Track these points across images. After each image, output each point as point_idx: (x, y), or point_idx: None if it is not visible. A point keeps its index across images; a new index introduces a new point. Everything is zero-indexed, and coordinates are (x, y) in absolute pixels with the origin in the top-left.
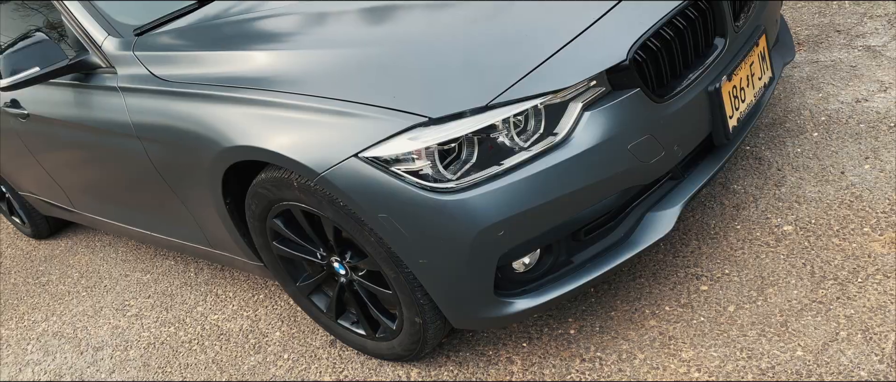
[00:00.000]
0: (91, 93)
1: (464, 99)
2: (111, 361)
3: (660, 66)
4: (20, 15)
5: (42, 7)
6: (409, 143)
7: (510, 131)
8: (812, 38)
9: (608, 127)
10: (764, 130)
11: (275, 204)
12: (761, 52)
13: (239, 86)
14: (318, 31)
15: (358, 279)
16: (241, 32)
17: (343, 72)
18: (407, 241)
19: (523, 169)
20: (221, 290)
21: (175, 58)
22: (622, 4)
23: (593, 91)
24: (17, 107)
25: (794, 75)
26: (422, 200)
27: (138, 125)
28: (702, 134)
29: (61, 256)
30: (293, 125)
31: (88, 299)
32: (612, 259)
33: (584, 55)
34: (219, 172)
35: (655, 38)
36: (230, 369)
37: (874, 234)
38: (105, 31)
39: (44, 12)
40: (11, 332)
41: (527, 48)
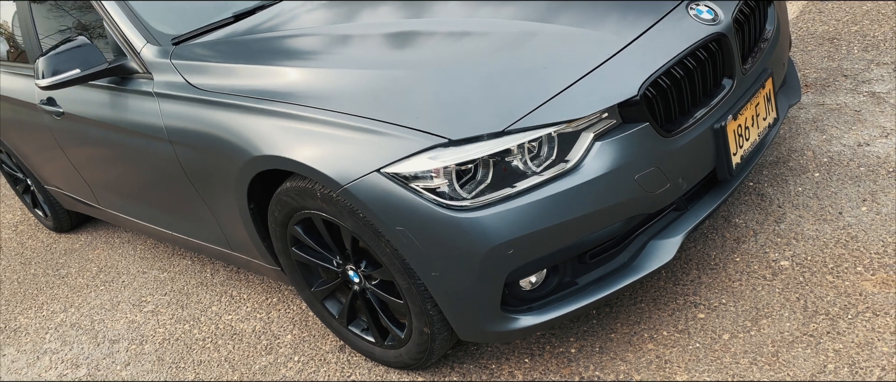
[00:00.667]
0: (126, 97)
1: (482, 123)
2: (126, 354)
3: (669, 103)
4: (54, 15)
5: (73, 8)
6: (428, 162)
7: (524, 156)
8: (820, 81)
9: (617, 157)
10: (768, 168)
11: (297, 212)
12: (767, 94)
13: (270, 99)
14: (346, 51)
15: (371, 287)
16: (272, 48)
17: (370, 92)
18: (421, 254)
19: (535, 192)
20: (236, 292)
21: (210, 68)
22: (637, 43)
23: (605, 123)
24: (52, 105)
25: (799, 116)
26: (437, 216)
27: (171, 129)
28: (706, 168)
29: (81, 250)
30: (320, 138)
31: (106, 293)
32: (615, 283)
33: (597, 89)
34: (246, 179)
35: (666, 76)
36: (242, 368)
37: (866, 274)
38: (144, 39)
39: (75, 14)
40: (31, 321)
41: (544, 79)
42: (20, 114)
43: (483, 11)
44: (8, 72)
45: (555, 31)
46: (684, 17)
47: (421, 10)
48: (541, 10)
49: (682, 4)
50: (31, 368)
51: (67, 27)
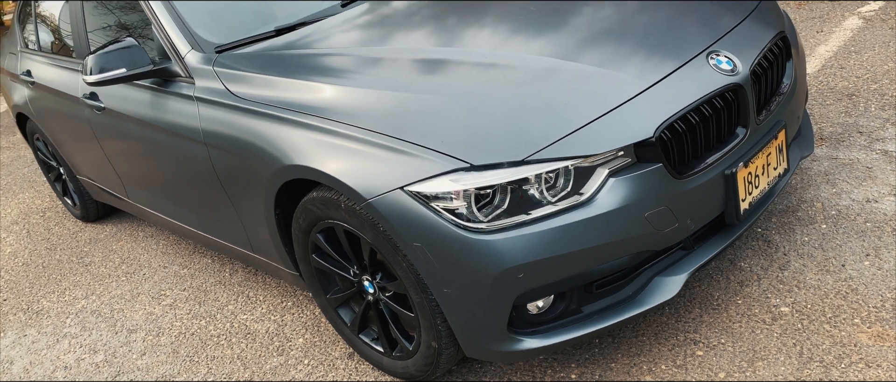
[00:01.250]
0: (167, 98)
1: (503, 151)
2: (143, 344)
3: (683, 146)
4: (99, 13)
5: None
6: (450, 184)
7: (541, 186)
8: (835, 136)
9: (629, 194)
10: (777, 215)
11: (320, 221)
12: (779, 145)
13: (304, 112)
14: (377, 72)
15: (384, 299)
16: (309, 64)
17: (398, 113)
18: (435, 270)
19: (548, 221)
20: (253, 293)
21: (250, 78)
22: (656, 87)
23: (620, 160)
24: (94, 99)
25: (812, 168)
26: (454, 236)
27: (208, 133)
28: (715, 212)
29: (105, 241)
30: (349, 153)
31: (127, 284)
32: (619, 314)
33: (615, 128)
34: (275, 185)
35: (682, 120)
36: (253, 366)
37: (863, 326)
38: (190, 45)
39: (118, 13)
40: (53, 304)
41: (565, 114)
42: (61, 105)
43: (512, 45)
44: (51, 63)
45: (579, 70)
46: (704, 65)
47: (452, 39)
48: (567, 48)
49: (703, 54)
50: (50, 350)
51: (109, 25)
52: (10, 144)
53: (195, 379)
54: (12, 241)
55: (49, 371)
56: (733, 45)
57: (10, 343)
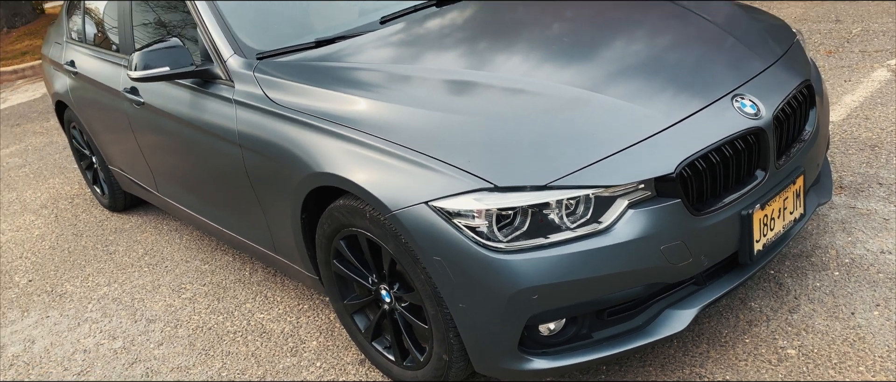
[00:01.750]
0: (206, 99)
1: (527, 175)
2: (161, 334)
3: (703, 184)
4: (142, 9)
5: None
6: (473, 203)
7: (561, 211)
8: (854, 185)
9: (647, 226)
10: (790, 259)
11: (344, 228)
12: (797, 190)
13: (337, 122)
14: (409, 90)
15: (400, 309)
16: (344, 77)
17: (428, 130)
18: (452, 285)
19: (566, 246)
20: (271, 293)
21: (288, 86)
22: (680, 125)
23: (640, 193)
24: (135, 94)
25: (829, 215)
26: (473, 253)
27: (243, 135)
28: (729, 250)
29: (130, 231)
30: (378, 165)
31: (149, 275)
32: (628, 342)
33: (638, 161)
34: (304, 191)
35: (703, 159)
36: (267, 364)
37: (867, 374)
38: (232, 50)
39: (162, 13)
40: (76, 289)
41: (590, 144)
42: (101, 96)
43: (541, 72)
44: (95, 56)
45: (606, 102)
46: (729, 108)
47: (482, 62)
48: (596, 80)
49: (728, 96)
50: (71, 333)
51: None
52: (42, 130)
53: (209, 372)
54: (40, 224)
55: (69, 352)
56: (758, 90)
57: (32, 323)
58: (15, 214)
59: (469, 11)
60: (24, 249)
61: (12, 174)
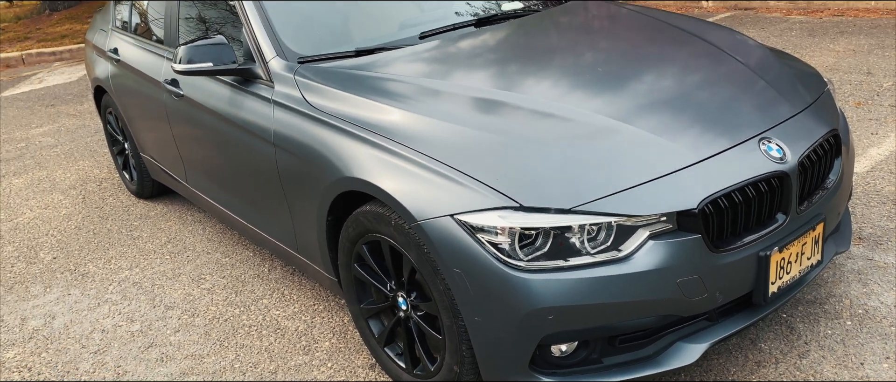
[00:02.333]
0: (245, 96)
1: (553, 198)
2: (178, 321)
3: (723, 222)
4: (187, 6)
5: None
6: (497, 220)
7: (583, 236)
8: (873, 238)
9: (665, 258)
10: (804, 305)
11: (368, 233)
12: (816, 237)
13: (372, 131)
14: (443, 105)
15: (415, 317)
16: (382, 88)
17: (459, 146)
18: (470, 298)
19: (585, 270)
20: (288, 291)
21: (326, 92)
22: (706, 162)
23: (662, 225)
24: (175, 86)
25: (846, 265)
26: (493, 268)
27: (278, 135)
28: (744, 289)
29: (155, 219)
30: (407, 175)
31: (170, 262)
32: (636, 370)
33: (662, 194)
34: (332, 193)
35: (726, 198)
36: (279, 360)
37: None
38: (275, 52)
39: (198, 7)
40: (98, 270)
41: (616, 173)
42: (141, 85)
43: (573, 99)
44: (138, 45)
45: (634, 134)
46: (755, 150)
47: (515, 84)
48: (626, 110)
49: (755, 138)
50: (91, 312)
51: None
52: (76, 113)
53: (222, 363)
54: (68, 204)
55: (87, 331)
56: (786, 135)
57: (54, 299)
58: (44, 192)
59: (506, 33)
60: (51, 227)
61: (44, 153)
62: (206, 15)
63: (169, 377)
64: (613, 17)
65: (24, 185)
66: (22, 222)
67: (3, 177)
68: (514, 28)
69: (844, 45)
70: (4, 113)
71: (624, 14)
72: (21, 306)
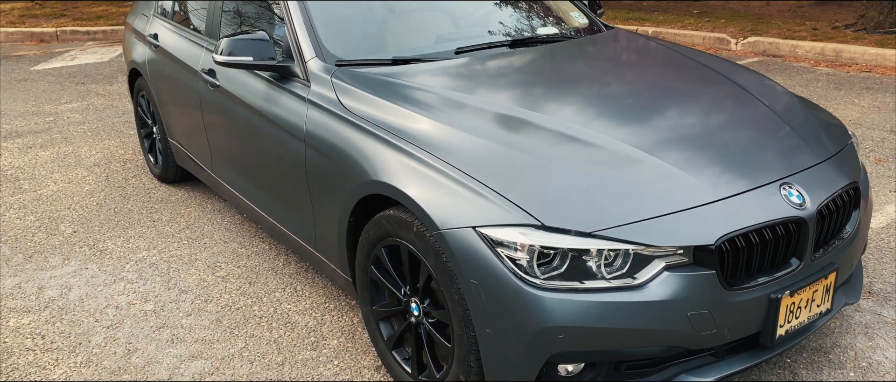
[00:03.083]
0: (280, 93)
1: (574, 220)
2: (191, 305)
3: (738, 261)
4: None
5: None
6: (518, 236)
7: (600, 260)
8: (883, 293)
9: (678, 290)
10: (808, 352)
11: (389, 237)
12: (827, 285)
13: (403, 138)
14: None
15: (426, 324)
16: (415, 98)
17: (487, 160)
18: (484, 310)
19: (598, 294)
20: (300, 286)
21: (361, 95)
22: (727, 201)
23: (678, 258)
24: (212, 76)
25: (854, 317)
26: (510, 283)
27: (309, 133)
28: (752, 329)
29: (175, 203)
30: (434, 184)
31: (187, 247)
32: None
33: (681, 227)
34: (358, 195)
35: (743, 237)
36: (286, 353)
37: None
38: (314, 53)
39: (242, 3)
40: (117, 247)
41: (638, 202)
42: (178, 72)
43: (599, 126)
44: (178, 33)
45: (658, 166)
46: (775, 193)
47: (547, 105)
48: (650, 142)
49: (777, 183)
50: (107, 288)
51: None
52: (105, 93)
53: (231, 350)
54: (91, 181)
55: (102, 305)
56: (807, 182)
57: (71, 271)
58: (69, 167)
59: (540, 57)
60: (73, 201)
61: (71, 129)
62: (248, 11)
63: (178, 358)
64: (645, 50)
65: (49, 158)
66: (45, 194)
67: (30, 148)
68: (547, 52)
69: (870, 100)
70: (35, 86)
71: (656, 49)
72: (39, 275)
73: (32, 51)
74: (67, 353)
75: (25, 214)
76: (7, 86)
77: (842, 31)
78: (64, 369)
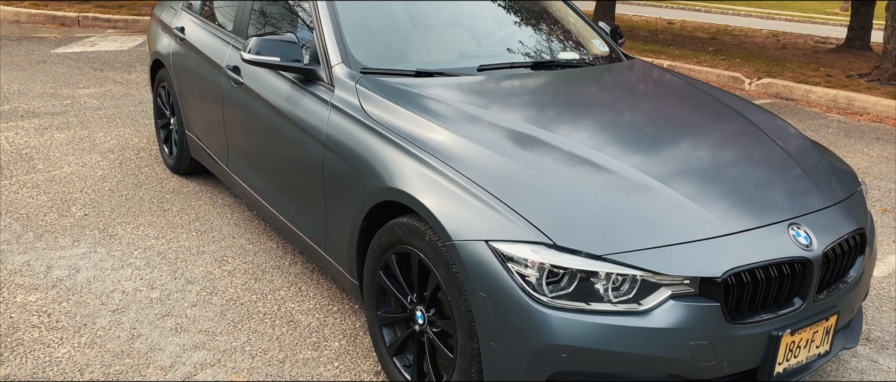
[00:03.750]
0: (304, 95)
1: (586, 242)
2: (196, 296)
3: (743, 296)
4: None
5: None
6: (530, 253)
7: (608, 284)
8: (881, 341)
9: (682, 320)
10: None
11: (400, 244)
12: (828, 327)
13: (422, 148)
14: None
15: (430, 333)
16: (436, 110)
17: (504, 176)
18: (490, 323)
19: (604, 316)
20: (305, 286)
21: (383, 103)
22: (738, 235)
23: (684, 287)
24: (236, 73)
25: (850, 362)
26: (517, 299)
27: (329, 137)
28: (750, 364)
29: (186, 195)
30: (450, 195)
31: (196, 239)
32: None
33: (690, 258)
34: (373, 201)
35: (749, 273)
36: (288, 350)
37: None
38: (340, 58)
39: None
40: (126, 233)
41: (649, 229)
42: (202, 67)
43: (615, 151)
44: (205, 28)
45: (671, 196)
46: (783, 233)
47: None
48: (665, 172)
49: (786, 222)
50: (114, 272)
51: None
52: (123, 81)
53: (234, 343)
54: (105, 166)
55: (108, 289)
56: (815, 225)
57: (81, 253)
58: (83, 151)
59: (561, 80)
60: (86, 184)
61: (88, 114)
62: (277, 13)
63: (181, 347)
64: (663, 82)
65: (65, 141)
66: (59, 175)
67: (46, 129)
68: (568, 77)
69: (879, 151)
70: (54, 69)
71: (674, 81)
72: (48, 254)
73: (53, 33)
74: (72, 333)
75: (38, 194)
76: (27, 67)
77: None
78: (68, 348)
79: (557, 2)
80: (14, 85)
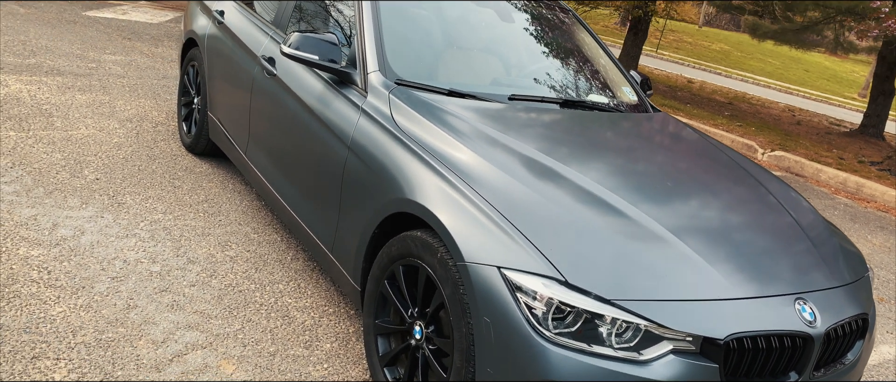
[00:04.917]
0: (335, 96)
1: (596, 284)
2: (196, 276)
3: (741, 361)
4: None
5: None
6: (540, 286)
7: (612, 329)
8: None
9: (679, 375)
10: None
11: (409, 257)
12: None
13: (446, 165)
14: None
15: (426, 350)
16: (464, 131)
17: (525, 207)
18: (490, 349)
19: (603, 360)
20: (304, 284)
21: (414, 117)
22: (745, 301)
23: (686, 344)
24: (271, 64)
25: None
26: (521, 329)
27: (355, 141)
28: None
29: (198, 176)
30: (468, 216)
31: (202, 220)
32: None
33: (696, 315)
34: (389, 210)
35: (752, 339)
36: (280, 345)
37: None
38: (377, 66)
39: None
40: (135, 204)
41: (660, 281)
42: (236, 53)
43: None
44: (245, 15)
45: (683, 251)
46: (789, 305)
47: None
48: (677, 224)
49: (793, 296)
50: (119, 240)
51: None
52: (150, 53)
53: (227, 329)
54: (122, 134)
55: (110, 256)
56: (821, 302)
57: (87, 216)
58: (102, 116)
59: (589, 121)
60: (100, 149)
61: (111, 80)
62: (320, 12)
63: (175, 324)
64: (688, 139)
65: (85, 103)
66: (76, 136)
67: (68, 89)
68: (596, 119)
69: (882, 240)
70: (83, 30)
71: (698, 140)
72: (56, 212)
73: None
74: (69, 293)
75: (53, 151)
76: (57, 25)
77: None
78: (63, 308)
79: (592, 40)
80: (42, 40)
